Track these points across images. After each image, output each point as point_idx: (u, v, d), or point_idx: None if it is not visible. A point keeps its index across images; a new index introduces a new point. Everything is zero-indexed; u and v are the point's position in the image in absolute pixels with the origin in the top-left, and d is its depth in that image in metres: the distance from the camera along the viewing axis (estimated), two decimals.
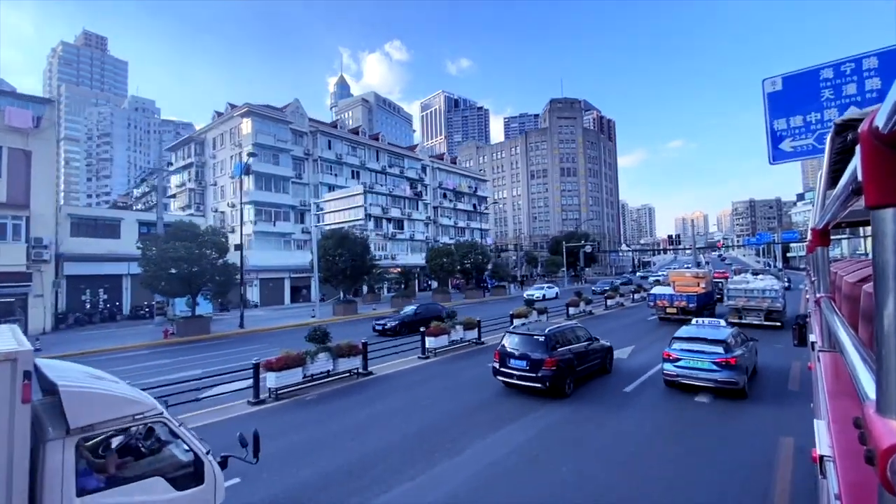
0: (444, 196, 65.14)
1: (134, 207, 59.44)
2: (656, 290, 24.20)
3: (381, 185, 54.35)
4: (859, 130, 1.03)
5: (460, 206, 67.64)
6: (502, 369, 10.80)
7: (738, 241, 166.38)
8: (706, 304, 22.57)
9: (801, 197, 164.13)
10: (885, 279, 0.95)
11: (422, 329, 16.12)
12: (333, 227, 30.39)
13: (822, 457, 1.94)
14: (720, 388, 9.92)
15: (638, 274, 74.58)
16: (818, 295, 3.95)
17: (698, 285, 22.01)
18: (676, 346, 10.65)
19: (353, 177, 51.01)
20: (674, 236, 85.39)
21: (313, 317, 28.22)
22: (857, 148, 1.04)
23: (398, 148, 59.42)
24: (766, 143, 6.11)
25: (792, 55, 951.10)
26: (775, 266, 78.10)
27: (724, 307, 21.57)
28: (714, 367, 9.83)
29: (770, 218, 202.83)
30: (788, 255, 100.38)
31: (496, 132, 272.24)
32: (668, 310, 22.11)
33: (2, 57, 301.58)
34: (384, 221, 54.47)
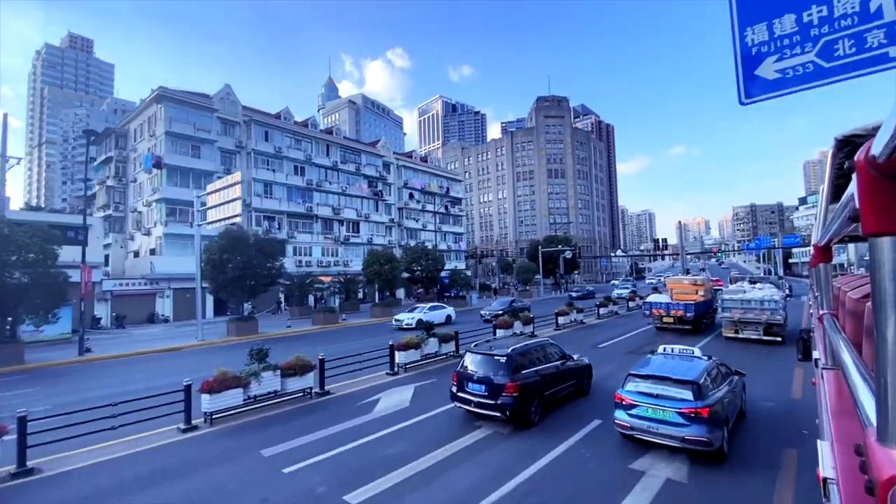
0: (411, 196, 59.44)
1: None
2: (652, 297, 23.04)
3: (332, 183, 48.70)
4: (856, 159, 1.03)
5: (430, 207, 61.94)
6: (459, 394, 9.50)
7: (737, 247, 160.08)
8: (705, 312, 21.23)
9: (803, 201, 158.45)
10: (883, 307, 0.96)
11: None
12: (228, 225, 24.69)
13: (825, 479, 1.91)
14: (688, 448, 7.17)
15: (613, 283, 68.66)
16: (821, 312, 4.04)
17: (696, 293, 20.80)
18: (632, 385, 7.89)
19: (296, 173, 45.37)
20: (660, 241, 79.24)
21: (200, 340, 22.47)
22: (854, 176, 1.05)
23: (355, 142, 53.87)
24: (735, 70, 2.82)
25: None
26: (775, 273, 72.17)
27: (718, 319, 20.07)
28: (680, 420, 7.14)
29: (772, 223, 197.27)
30: (790, 261, 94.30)
31: (494, 137, 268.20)
32: (665, 319, 20.84)
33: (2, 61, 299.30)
34: (335, 223, 48.77)
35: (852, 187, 1.08)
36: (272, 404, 10.89)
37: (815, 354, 4.18)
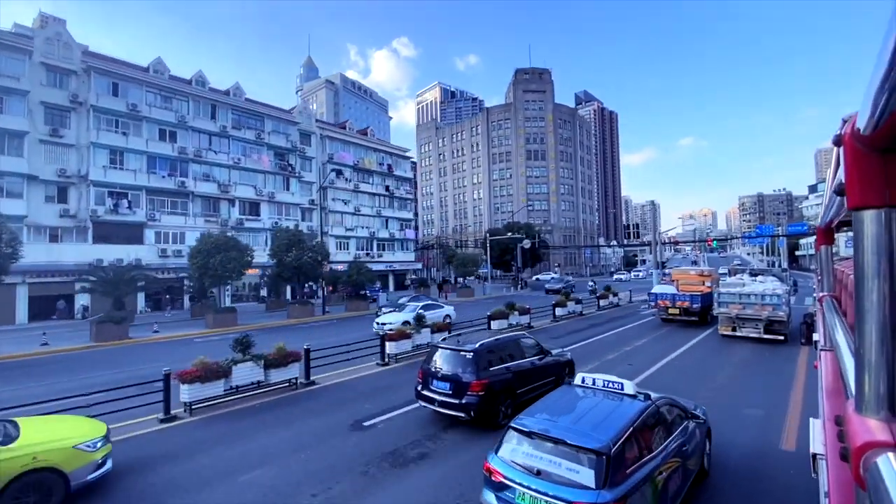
0: (339, 174, 49.89)
1: None
2: (657, 289, 22.64)
3: (220, 153, 39.27)
4: (842, 133, 1.04)
5: (366, 187, 52.37)
6: (424, 392, 8.70)
7: (731, 237, 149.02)
8: (711, 304, 18.97)
9: (813, 189, 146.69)
10: (863, 280, 0.96)
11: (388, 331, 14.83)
12: None
13: (814, 455, 1.99)
14: None
15: (589, 279, 59.01)
16: (821, 294, 4.09)
17: (703, 284, 20.79)
18: (509, 448, 4.85)
19: (163, 138, 35.92)
20: (631, 226, 69.11)
21: None
22: (840, 150, 1.05)
23: (257, 104, 44.11)
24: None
25: (802, 55, 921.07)
26: (779, 266, 62.12)
27: (714, 315, 17.89)
28: None
29: (780, 213, 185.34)
30: (797, 253, 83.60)
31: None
32: (671, 310, 20.54)
33: None
34: (223, 203, 39.46)
35: (839, 162, 1.07)
36: (255, 394, 10.62)
37: (815, 337, 4.32)
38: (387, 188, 54.62)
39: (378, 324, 19.79)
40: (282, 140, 43.98)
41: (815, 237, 5.78)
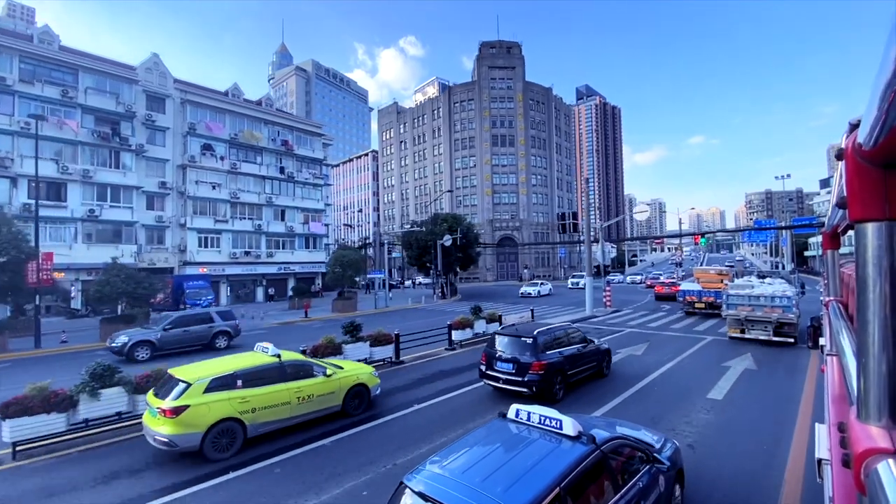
0: (207, 150, 39.02)
1: None
2: (685, 286, 25.45)
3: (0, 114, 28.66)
4: (844, 147, 1.06)
5: (249, 168, 41.44)
6: (488, 372, 10.28)
7: (731, 229, 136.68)
8: None
9: (825, 183, 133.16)
10: (865, 291, 0.98)
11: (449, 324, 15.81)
12: None
13: (820, 460, 1.97)
14: None
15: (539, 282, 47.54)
16: (828, 298, 4.13)
17: (721, 282, 22.79)
18: None
19: None
20: (567, 214, 57.58)
21: None
22: (842, 164, 1.06)
23: (69, 53, 33.33)
24: None
25: (819, 52, 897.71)
26: (782, 267, 50.59)
27: (723, 317, 17.49)
28: None
29: (791, 211, 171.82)
30: (806, 254, 71.36)
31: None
32: (697, 304, 23.42)
33: None
34: (5, 181, 28.84)
35: (841, 174, 1.07)
36: (118, 428, 8.74)
37: (822, 341, 4.21)
38: (282, 170, 43.63)
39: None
40: (108, 101, 33.17)
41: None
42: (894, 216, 0.94)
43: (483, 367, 10.25)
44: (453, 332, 16.19)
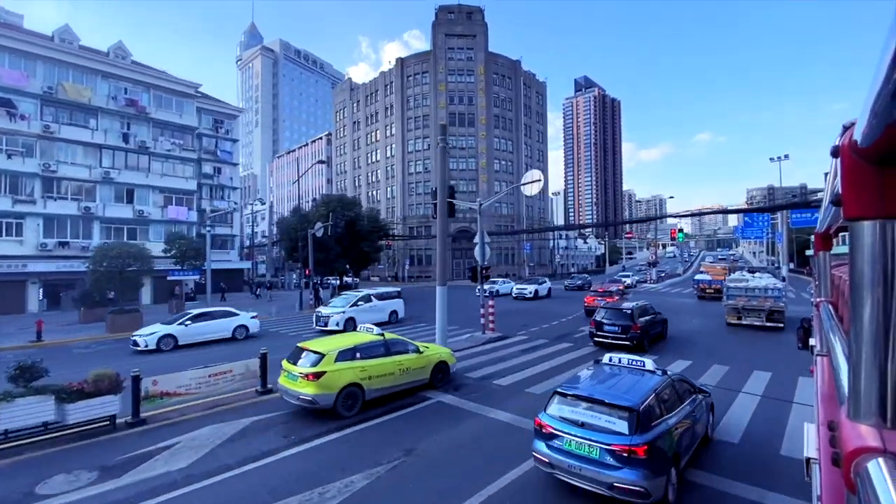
0: (3, 106, 29.22)
1: None
2: (699, 276, 33.11)
3: None
4: (839, 144, 1.06)
5: (73, 133, 31.61)
6: (599, 333, 15.22)
7: (720, 228, 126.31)
8: None
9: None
10: (859, 290, 0.99)
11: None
12: None
13: (808, 459, 2.04)
14: (618, 499, 5.42)
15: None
16: (818, 299, 4.29)
17: (725, 275, 27.96)
18: (556, 408, 6.19)
19: None
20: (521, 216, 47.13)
21: None
22: (837, 161, 1.07)
23: None
24: None
25: (828, 50, 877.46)
26: (780, 269, 41.44)
27: (722, 306, 20.59)
28: (609, 461, 5.37)
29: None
30: (808, 252, 61.01)
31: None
32: (708, 291, 30.19)
33: None
34: None
35: (836, 172, 1.09)
36: (45, 440, 7.97)
37: (812, 342, 4.37)
38: (125, 137, 33.79)
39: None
40: None
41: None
42: (889, 214, 0.93)
43: (593, 330, 15.43)
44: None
